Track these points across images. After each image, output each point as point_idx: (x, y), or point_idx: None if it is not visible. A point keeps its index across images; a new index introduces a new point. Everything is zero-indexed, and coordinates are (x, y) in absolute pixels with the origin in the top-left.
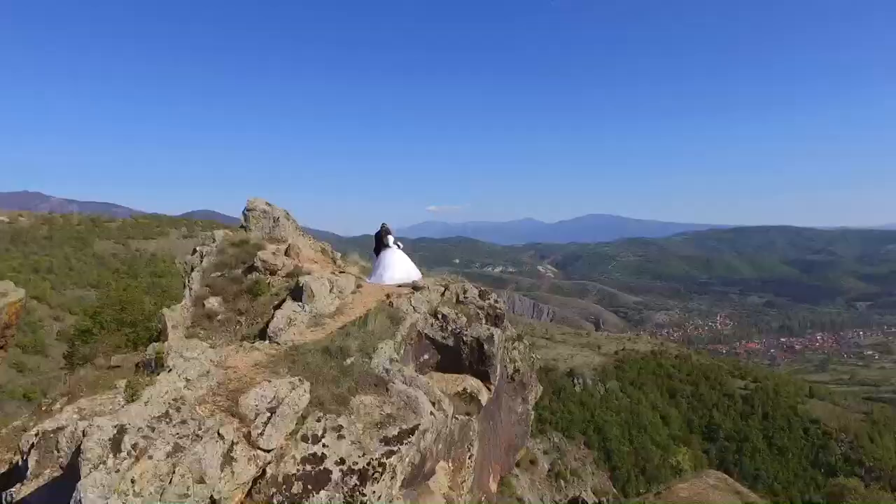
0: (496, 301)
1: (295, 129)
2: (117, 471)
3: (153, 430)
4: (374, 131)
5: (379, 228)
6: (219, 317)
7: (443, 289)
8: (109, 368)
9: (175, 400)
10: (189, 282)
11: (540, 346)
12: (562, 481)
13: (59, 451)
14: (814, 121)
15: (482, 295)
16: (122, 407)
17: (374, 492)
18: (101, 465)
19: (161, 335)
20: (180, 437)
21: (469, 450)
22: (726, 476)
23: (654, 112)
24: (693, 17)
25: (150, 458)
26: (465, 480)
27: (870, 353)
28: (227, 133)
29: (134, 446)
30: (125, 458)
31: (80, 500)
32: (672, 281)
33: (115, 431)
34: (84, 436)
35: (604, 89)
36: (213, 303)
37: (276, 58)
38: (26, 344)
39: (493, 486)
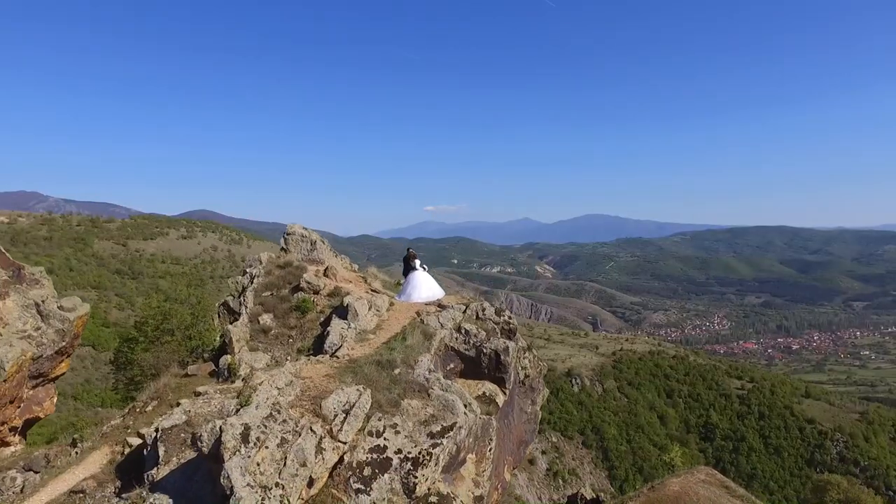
0: (510, 317)
1: (294, 130)
2: (248, 457)
3: (266, 427)
4: (372, 131)
5: (406, 253)
6: (272, 332)
7: (464, 307)
8: (185, 377)
9: (274, 405)
10: (244, 300)
11: (538, 347)
12: (560, 480)
13: (200, 442)
14: (812, 121)
15: (498, 312)
16: (238, 410)
17: (423, 475)
18: (237, 453)
19: (227, 348)
20: (284, 433)
21: (489, 444)
22: (715, 472)
23: (653, 112)
24: (693, 15)
25: (267, 447)
26: (485, 470)
27: (866, 353)
28: (227, 133)
29: (256, 439)
30: (252, 447)
31: (228, 476)
32: (670, 281)
33: (243, 428)
34: (222, 432)
35: (603, 89)
36: (266, 319)
37: (275, 57)
38: None
39: (507, 476)
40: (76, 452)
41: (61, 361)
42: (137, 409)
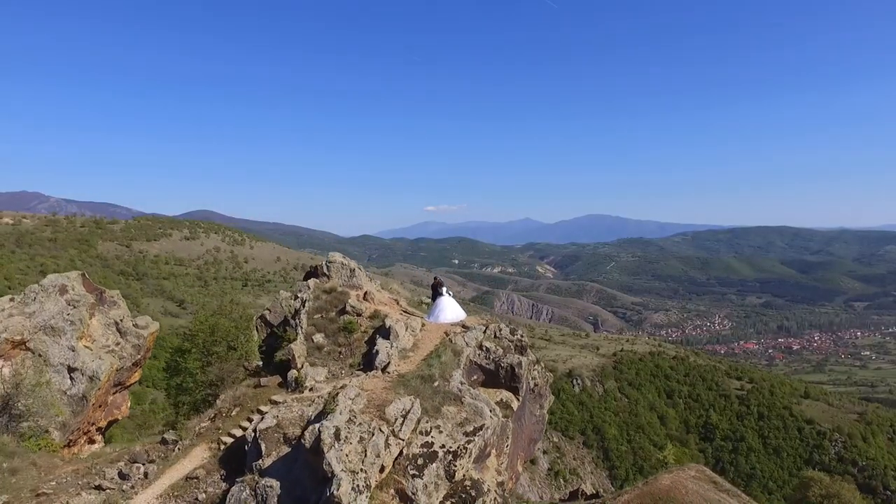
0: (522, 336)
1: (293, 129)
2: (340, 450)
3: (349, 429)
4: (371, 131)
5: (433, 281)
6: (325, 349)
7: (485, 327)
8: (257, 387)
9: (351, 412)
10: (298, 321)
11: (539, 348)
12: (561, 480)
13: (303, 440)
14: (812, 121)
15: (512, 332)
16: (325, 416)
17: (460, 464)
18: (333, 447)
19: (291, 362)
20: (362, 433)
21: (506, 441)
22: (705, 468)
23: (653, 112)
24: (693, 13)
25: (351, 443)
26: (503, 462)
27: (867, 353)
28: (227, 133)
29: (345, 437)
30: (342, 443)
31: (329, 464)
32: (670, 281)
33: (335, 430)
34: (321, 432)
35: (603, 89)
36: (318, 338)
37: (274, 57)
38: None
39: (520, 468)
40: (178, 448)
41: (135, 371)
42: (223, 414)
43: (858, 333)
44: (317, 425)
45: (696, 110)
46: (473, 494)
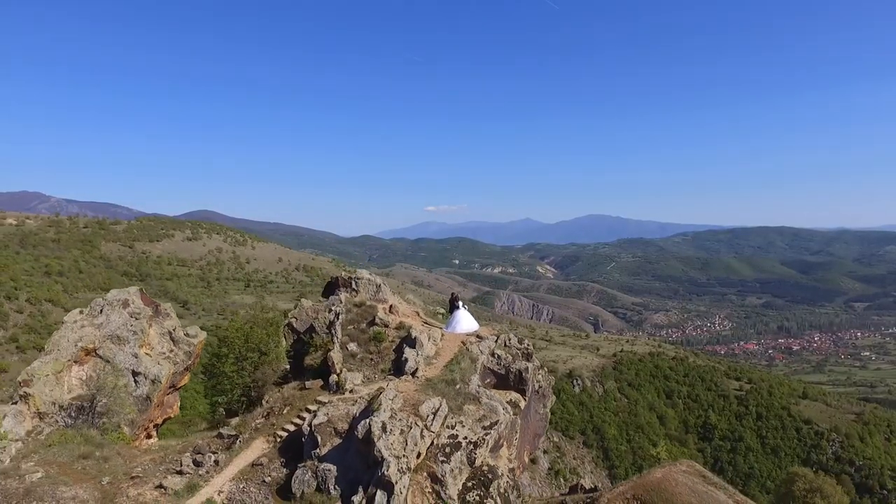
0: (528, 345)
1: (294, 129)
2: (387, 440)
3: (391, 423)
4: (371, 130)
5: (451, 296)
6: (358, 356)
7: (496, 337)
8: (302, 389)
9: (392, 409)
10: (334, 332)
11: (540, 348)
12: (561, 479)
13: (356, 432)
14: (813, 121)
15: (520, 341)
16: (373, 413)
17: (480, 452)
18: (381, 438)
19: (331, 368)
20: (402, 427)
21: (515, 435)
22: (695, 463)
23: (654, 112)
24: (692, 12)
25: (394, 434)
26: (513, 453)
27: (866, 353)
28: (227, 132)
29: (389, 430)
30: (388, 435)
31: (379, 451)
32: (671, 282)
33: (382, 424)
34: (371, 426)
35: (603, 89)
36: (352, 347)
37: (275, 55)
38: (43, 346)
39: (526, 458)
40: (240, 440)
41: (185, 375)
42: (276, 412)
43: (858, 334)
44: (367, 420)
45: (697, 110)
46: (490, 477)
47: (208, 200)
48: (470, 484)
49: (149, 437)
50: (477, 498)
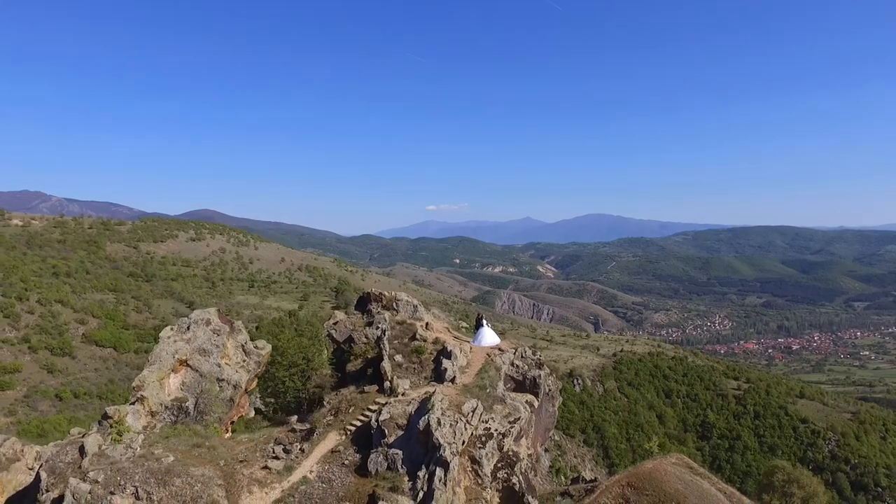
0: (540, 357)
1: (294, 128)
2: (441, 431)
3: (443, 419)
4: (371, 130)
5: (477, 316)
6: (403, 366)
7: (514, 350)
8: (361, 392)
9: (441, 408)
10: (383, 345)
11: (541, 348)
12: (562, 476)
13: (419, 426)
14: (814, 121)
15: (533, 353)
16: (430, 411)
17: (507, 441)
18: (437, 429)
19: (383, 375)
20: (451, 422)
21: (531, 429)
22: (684, 456)
23: (654, 112)
24: (687, 11)
25: (446, 427)
26: (529, 443)
27: (866, 353)
28: (227, 132)
29: (443, 423)
30: (442, 427)
31: (437, 439)
32: (671, 281)
33: (437, 419)
34: (430, 421)
35: (604, 88)
36: (398, 358)
37: (275, 55)
38: (54, 346)
39: (538, 448)
40: (317, 433)
41: (254, 381)
42: (342, 411)
43: (858, 333)
44: (426, 416)
45: (698, 109)
46: (514, 460)
47: (209, 199)
48: (499, 465)
49: (226, 431)
50: (504, 475)
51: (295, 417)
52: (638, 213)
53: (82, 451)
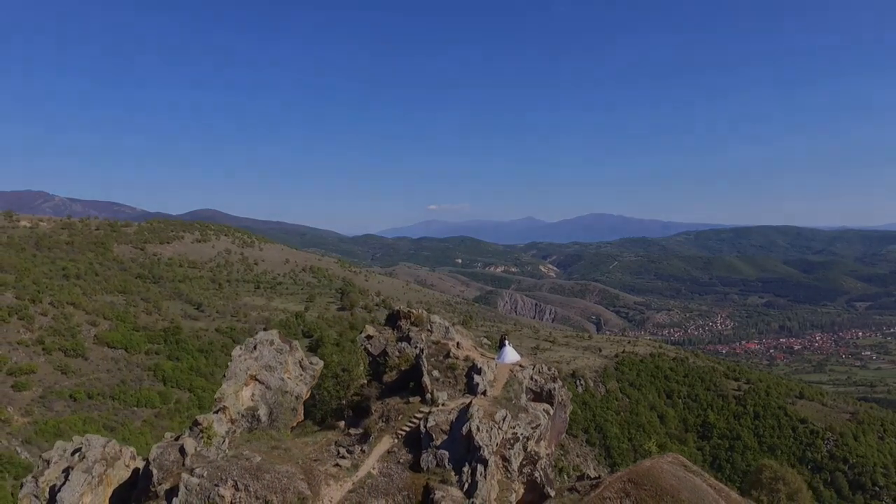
0: (555, 372)
1: (293, 128)
2: (480, 434)
3: (480, 425)
4: (371, 130)
5: (500, 336)
6: (440, 381)
7: (533, 366)
8: (406, 402)
9: (479, 417)
10: (422, 362)
11: (544, 349)
12: (565, 476)
13: (461, 432)
14: (815, 120)
15: (549, 368)
16: (470, 419)
17: (531, 443)
18: (477, 433)
19: (424, 388)
20: (486, 427)
21: (548, 433)
22: (679, 456)
23: (655, 111)
24: (692, 9)
25: (483, 432)
26: (548, 444)
27: (867, 353)
28: (227, 132)
29: (481, 429)
30: (480, 431)
31: (478, 442)
32: (673, 281)
33: (476, 426)
34: (471, 427)
35: (604, 87)
36: (435, 374)
37: (275, 54)
38: (67, 348)
39: (553, 448)
40: (373, 437)
41: (308, 392)
42: (392, 418)
43: (860, 333)
44: (467, 423)
45: (698, 109)
46: (536, 458)
47: (211, 199)
48: (524, 462)
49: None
50: (529, 471)
51: (343, 423)
52: (640, 212)
53: (182, 451)
